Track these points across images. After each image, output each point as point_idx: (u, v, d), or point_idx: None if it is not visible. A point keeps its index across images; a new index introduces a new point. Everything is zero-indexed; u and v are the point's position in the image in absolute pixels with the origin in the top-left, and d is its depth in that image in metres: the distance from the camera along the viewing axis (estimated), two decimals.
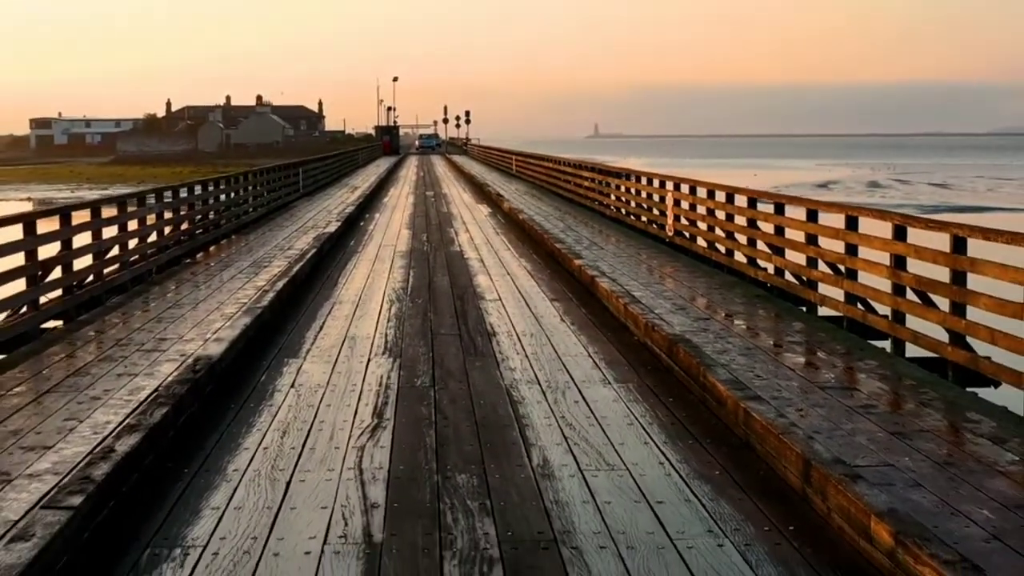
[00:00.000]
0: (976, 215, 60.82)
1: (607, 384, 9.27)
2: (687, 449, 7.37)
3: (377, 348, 10.80)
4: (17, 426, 7.53)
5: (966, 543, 5.21)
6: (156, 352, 9.99)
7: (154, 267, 15.85)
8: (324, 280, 16.00)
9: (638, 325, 11.34)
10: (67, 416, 7.75)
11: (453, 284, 15.43)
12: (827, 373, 9.07)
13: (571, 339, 11.29)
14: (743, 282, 14.35)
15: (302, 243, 19.73)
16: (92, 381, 8.87)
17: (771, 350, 9.95)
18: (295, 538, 5.70)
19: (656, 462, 7.02)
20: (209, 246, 19.55)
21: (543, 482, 6.61)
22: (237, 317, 11.56)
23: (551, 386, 9.15)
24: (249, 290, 13.87)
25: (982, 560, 5.00)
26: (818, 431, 7.13)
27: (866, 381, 8.70)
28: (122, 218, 14.60)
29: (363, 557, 5.46)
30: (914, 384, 8.61)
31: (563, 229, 21.91)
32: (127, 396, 8.34)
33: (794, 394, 8.15)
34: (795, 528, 5.86)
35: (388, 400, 8.70)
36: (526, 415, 8.23)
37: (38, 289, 11.35)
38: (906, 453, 6.72)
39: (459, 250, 19.86)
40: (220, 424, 8.03)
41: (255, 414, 8.34)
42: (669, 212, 19.24)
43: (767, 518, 6.03)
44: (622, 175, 24.93)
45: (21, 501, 5.92)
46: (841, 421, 7.43)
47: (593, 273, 14.77)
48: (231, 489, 6.50)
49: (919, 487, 6.09)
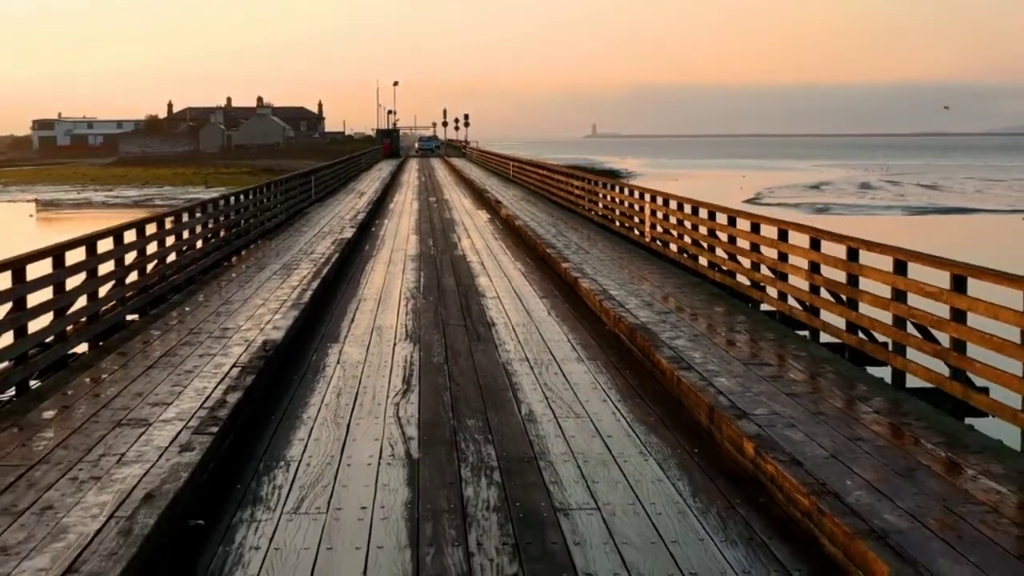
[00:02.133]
0: (961, 216, 63.19)
1: (580, 361, 11.99)
2: (634, 405, 10.08)
3: (400, 335, 13.52)
4: (138, 390, 10.19)
5: (811, 459, 7.86)
6: (224, 339, 12.66)
7: (200, 269, 18.51)
8: (348, 280, 18.69)
9: (609, 317, 14.05)
10: (173, 384, 10.41)
11: (458, 284, 18.12)
12: (752, 353, 11.75)
13: (555, 328, 14.01)
14: (705, 283, 16.99)
15: (322, 247, 22.41)
16: (182, 360, 11.53)
17: (713, 336, 12.63)
18: (359, 457, 8.40)
19: (610, 412, 9.74)
20: (241, 251, 22.21)
21: (528, 424, 9.32)
22: (286, 311, 14.25)
23: (537, 362, 11.86)
24: (285, 289, 16.53)
25: (816, 469, 7.64)
26: (730, 392, 9.80)
27: (781, 359, 11.38)
28: (177, 228, 17.27)
29: (407, 467, 8.17)
30: (819, 361, 11.29)
31: (555, 234, 24.58)
32: (213, 370, 11.01)
33: (720, 367, 10.82)
34: (699, 451, 8.57)
35: (413, 372, 11.41)
36: (517, 382, 10.94)
37: (123, 288, 14.02)
38: (792, 407, 9.37)
39: (462, 254, 22.55)
40: (290, 388, 10.75)
41: (314, 382, 11.05)
42: (647, 221, 21.94)
43: (681, 445, 8.74)
44: (608, 185, 27.63)
45: (166, 434, 8.60)
46: (750, 385, 10.10)
47: (576, 275, 17.46)
48: (308, 429, 9.21)
49: (793, 427, 8.75)
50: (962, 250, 41.52)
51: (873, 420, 8.95)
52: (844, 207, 72.28)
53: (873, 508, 6.75)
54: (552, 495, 7.51)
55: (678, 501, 7.41)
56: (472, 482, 7.82)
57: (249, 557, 6.51)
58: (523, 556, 6.45)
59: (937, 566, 5.92)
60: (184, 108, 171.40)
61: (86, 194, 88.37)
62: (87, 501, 7.07)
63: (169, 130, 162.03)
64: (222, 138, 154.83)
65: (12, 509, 6.93)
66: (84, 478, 7.54)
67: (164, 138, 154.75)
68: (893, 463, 7.79)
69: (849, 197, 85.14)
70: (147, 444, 8.31)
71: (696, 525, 6.97)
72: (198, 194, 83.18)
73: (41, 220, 65.64)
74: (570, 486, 7.68)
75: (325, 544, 6.63)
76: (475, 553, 6.49)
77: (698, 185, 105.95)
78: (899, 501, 6.94)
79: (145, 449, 8.18)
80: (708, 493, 7.61)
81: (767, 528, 6.95)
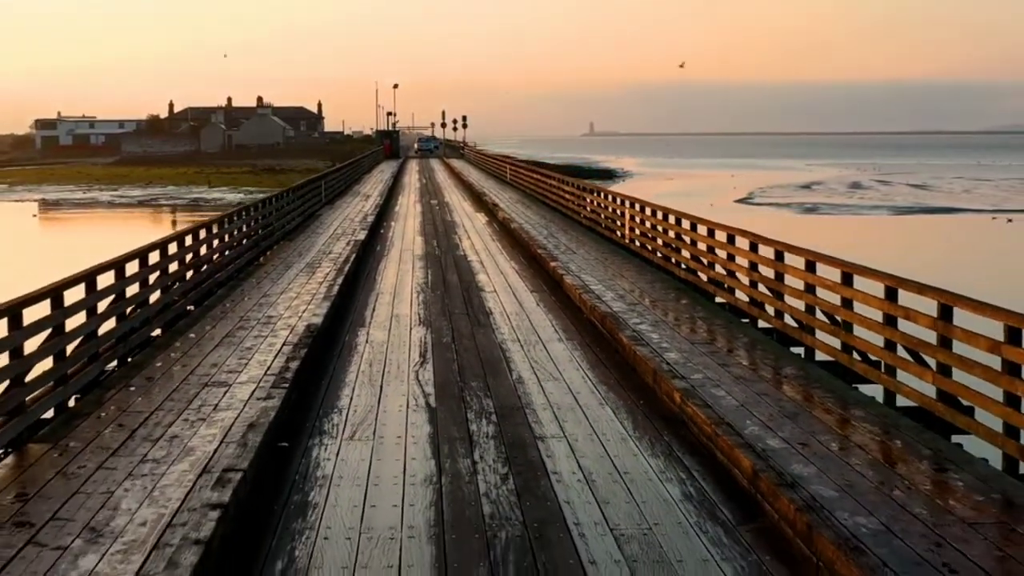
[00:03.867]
0: (946, 216, 65.74)
1: (560, 341, 14.94)
2: (599, 372, 13.01)
3: (414, 321, 16.46)
4: (213, 362, 13.09)
5: (722, 406, 10.75)
6: (270, 324, 15.56)
7: (237, 268, 21.41)
8: (366, 277, 21.62)
9: (586, 307, 16.99)
10: (239, 358, 13.30)
11: (461, 280, 21.04)
12: (701, 334, 14.66)
13: (542, 316, 16.95)
14: (673, 280, 19.89)
15: (339, 247, 25.33)
16: (242, 339, 14.44)
17: (671, 322, 15.54)
18: (391, 406, 11.33)
19: (580, 377, 12.68)
20: (267, 251, 25.11)
21: (517, 385, 12.26)
22: (319, 302, 17.17)
23: (526, 342, 14.80)
24: (312, 284, 19.43)
25: (723, 411, 10.54)
26: (675, 362, 12.70)
27: (725, 341, 14.27)
28: (221, 232, 20.18)
29: (427, 412, 11.10)
30: (754, 341, 14.21)
31: (546, 236, 27.50)
32: (268, 347, 13.89)
33: (670, 345, 13.74)
34: (643, 402, 11.52)
35: (427, 349, 14.34)
36: (510, 356, 13.87)
37: (184, 284, 16.93)
38: (720, 374, 12.24)
39: (463, 254, 25.48)
40: (332, 360, 13.69)
41: (350, 356, 13.99)
42: (626, 225, 24.88)
43: (631, 398, 11.68)
44: (594, 191, 30.57)
45: (245, 391, 11.50)
46: (692, 358, 13.00)
47: (562, 272, 20.40)
48: (351, 388, 12.15)
49: (717, 387, 11.64)
50: (917, 250, 44.69)
51: (785, 384, 11.87)
52: (832, 207, 74.88)
53: (756, 435, 9.67)
54: (533, 429, 10.46)
55: (622, 433, 10.35)
56: (475, 421, 10.77)
57: (324, 465, 9.45)
58: (511, 464, 9.38)
59: (789, 467, 8.82)
60: (185, 108, 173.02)
61: (92, 194, 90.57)
62: (201, 433, 9.98)
63: (170, 130, 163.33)
64: (223, 138, 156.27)
65: (150, 438, 9.84)
66: (193, 419, 10.45)
67: (165, 138, 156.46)
68: (785, 410, 10.70)
69: (838, 197, 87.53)
70: (232, 398, 11.23)
71: (633, 447, 9.91)
72: (202, 194, 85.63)
73: (43, 220, 68.23)
74: (546, 424, 10.63)
75: (375, 457, 9.57)
76: (478, 462, 9.42)
77: (692, 185, 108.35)
78: (779, 432, 9.85)
79: (232, 401, 11.10)
80: (645, 428, 10.56)
81: (682, 448, 9.90)
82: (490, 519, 8.07)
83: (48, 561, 7.02)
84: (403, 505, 8.36)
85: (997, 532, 7.40)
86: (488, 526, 7.91)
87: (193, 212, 67.08)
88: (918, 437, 9.73)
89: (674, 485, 8.90)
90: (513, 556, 7.39)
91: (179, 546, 7.16)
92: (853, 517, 7.63)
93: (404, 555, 7.39)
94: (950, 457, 9.17)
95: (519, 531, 7.80)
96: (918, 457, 9.15)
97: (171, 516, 7.78)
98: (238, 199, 76.94)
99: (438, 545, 7.58)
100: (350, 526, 7.93)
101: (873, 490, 8.26)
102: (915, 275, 11.52)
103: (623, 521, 7.99)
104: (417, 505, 8.36)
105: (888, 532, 7.38)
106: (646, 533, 7.77)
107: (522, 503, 8.39)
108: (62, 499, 8.16)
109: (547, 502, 8.43)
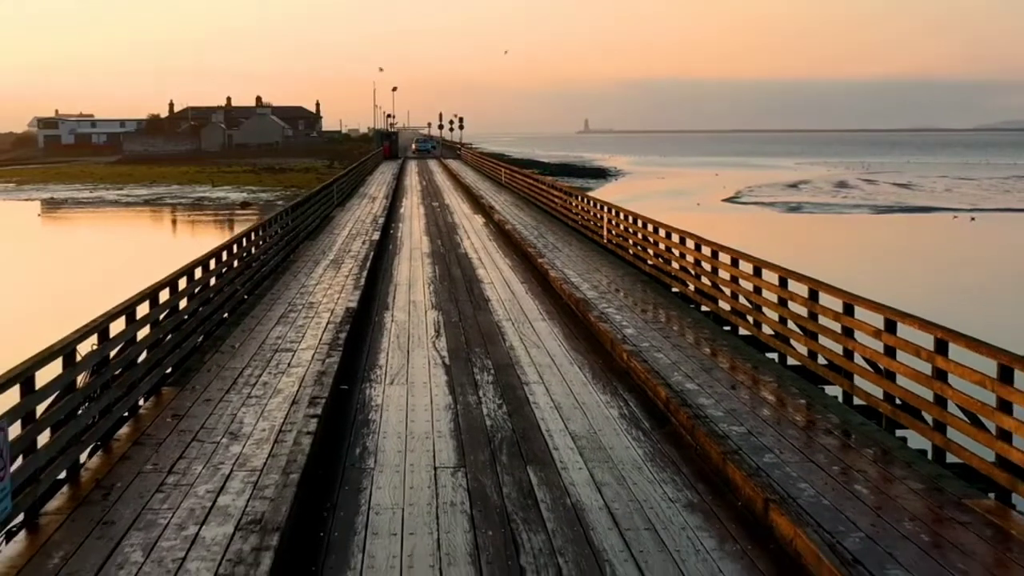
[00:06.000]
0: (920, 215, 69.57)
1: (543, 320, 19.09)
2: (572, 342, 17.15)
3: (427, 306, 20.59)
4: (276, 335, 17.18)
5: (659, 362, 14.85)
6: (313, 308, 19.66)
7: (275, 265, 25.49)
8: (384, 271, 25.75)
9: (565, 294, 21.13)
10: (296, 331, 17.40)
11: (463, 274, 25.16)
12: (655, 317, 18.77)
13: (530, 302, 21.09)
14: (642, 274, 24.02)
15: (356, 246, 29.45)
16: (294, 320, 18.54)
17: (631, 306, 19.67)
18: (417, 364, 15.47)
19: (557, 345, 16.84)
20: (296, 250, 29.21)
21: (509, 351, 16.41)
22: (351, 291, 21.28)
23: (516, 321, 18.94)
24: (340, 278, 23.53)
25: (658, 367, 14.64)
26: (631, 335, 16.81)
27: (674, 320, 18.41)
28: (265, 234, 24.27)
29: (443, 368, 15.25)
30: (696, 321, 18.35)
31: (536, 236, 31.63)
32: (316, 325, 17.99)
33: (628, 322, 17.85)
34: (602, 361, 15.67)
35: (440, 327, 18.46)
36: (504, 331, 18.00)
37: (242, 276, 21.02)
38: (662, 342, 16.36)
39: (465, 252, 29.62)
40: (368, 334, 17.83)
41: (381, 331, 18.13)
42: (605, 227, 29.02)
43: (593, 359, 15.83)
44: (579, 196, 34.72)
45: (307, 355, 15.60)
46: (644, 332, 17.12)
47: (548, 267, 24.53)
48: (386, 353, 16.30)
49: (658, 351, 15.74)
50: (884, 247, 49.03)
51: (712, 350, 16.00)
52: (816, 206, 78.73)
53: (677, 380, 13.78)
54: (520, 378, 14.60)
55: (584, 380, 14.50)
56: (479, 373, 14.91)
57: (375, 398, 13.60)
58: (504, 398, 13.52)
59: (695, 399, 12.91)
60: (185, 107, 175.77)
61: (98, 193, 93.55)
62: (283, 380, 14.08)
63: (171, 129, 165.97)
64: (223, 137, 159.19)
65: (248, 383, 13.93)
66: (274, 372, 14.55)
67: (166, 137, 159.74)
68: (704, 365, 14.82)
69: (823, 196, 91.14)
70: (299, 359, 15.33)
71: (590, 389, 14.06)
72: (206, 193, 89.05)
73: (46, 219, 71.81)
74: (530, 375, 14.77)
75: (410, 394, 13.70)
76: (482, 397, 13.56)
77: (683, 184, 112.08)
78: (695, 379, 13.95)
79: (300, 360, 15.20)
80: (600, 378, 14.71)
81: (624, 388, 14.07)
82: (490, 428, 12.23)
83: (209, 450, 11.10)
84: (432, 420, 12.51)
85: (805, 430, 11.55)
86: (489, 430, 12.07)
87: (200, 212, 70.84)
88: (793, 384, 13.87)
89: (614, 409, 13.07)
90: (505, 447, 11.53)
91: (295, 438, 11.28)
92: (728, 426, 11.75)
93: (436, 445, 11.54)
94: (812, 396, 13.28)
95: (509, 434, 11.96)
96: (790, 395, 13.29)
97: (280, 425, 11.89)
98: (241, 198, 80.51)
99: (457, 440, 11.74)
100: (398, 431, 12.09)
101: (747, 412, 12.39)
102: (803, 268, 15.64)
103: (578, 428, 12.15)
104: (442, 420, 12.52)
105: (749, 434, 11.49)
106: (592, 435, 11.92)
107: (512, 420, 12.55)
108: (204, 417, 12.26)
109: (528, 419, 12.58)
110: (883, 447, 11.09)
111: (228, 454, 10.87)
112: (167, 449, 11.07)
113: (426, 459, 11.10)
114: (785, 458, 10.60)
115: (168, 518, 9.06)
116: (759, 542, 8.86)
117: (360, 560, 8.54)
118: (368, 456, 11.30)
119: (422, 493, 10.06)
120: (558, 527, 9.18)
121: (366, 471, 10.79)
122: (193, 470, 10.36)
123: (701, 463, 10.98)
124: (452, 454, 11.30)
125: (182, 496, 9.60)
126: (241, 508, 9.25)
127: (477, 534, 9.00)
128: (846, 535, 8.55)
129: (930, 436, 10.96)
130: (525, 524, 9.25)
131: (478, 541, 8.86)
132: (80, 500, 9.63)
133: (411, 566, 8.40)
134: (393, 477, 10.56)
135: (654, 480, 10.44)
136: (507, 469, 10.77)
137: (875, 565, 8.00)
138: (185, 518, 9.06)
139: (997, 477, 9.63)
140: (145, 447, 11.16)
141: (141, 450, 11.07)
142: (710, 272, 18.98)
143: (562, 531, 9.08)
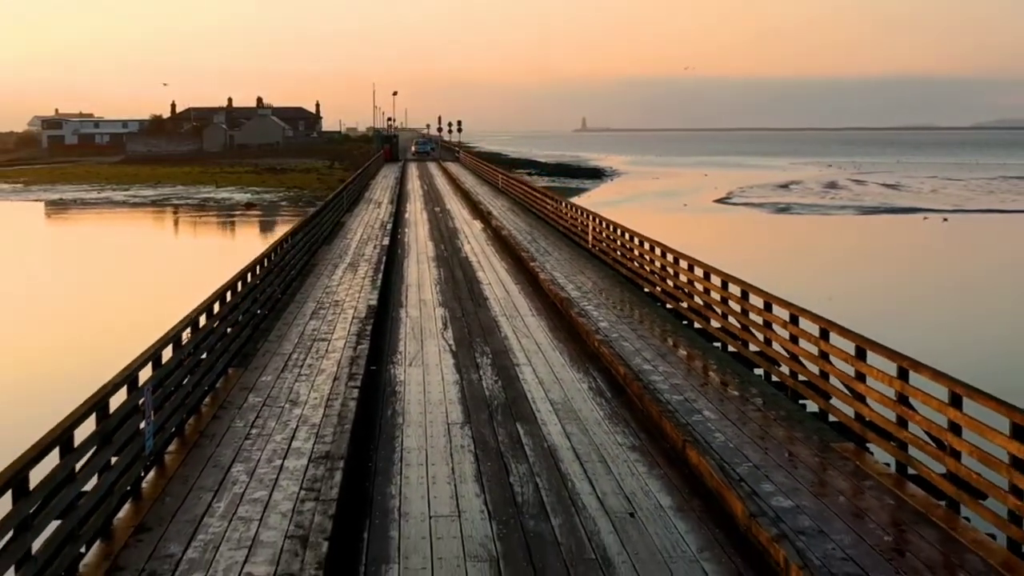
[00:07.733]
0: (901, 216, 72.70)
1: (533, 316, 22.81)
2: (556, 333, 20.86)
3: (435, 303, 24.31)
4: (312, 328, 20.84)
5: (625, 350, 18.51)
6: (339, 306, 23.33)
7: (300, 267, 29.13)
8: (395, 273, 29.44)
9: (552, 294, 24.84)
10: (328, 324, 21.07)
11: (464, 275, 28.86)
12: (627, 313, 22.45)
13: (521, 300, 24.81)
14: (621, 277, 27.68)
15: (369, 250, 33.14)
16: (325, 315, 22.22)
17: (608, 304, 23.36)
18: (429, 351, 19.17)
19: (544, 335, 20.58)
20: (315, 254, 32.87)
21: (504, 341, 20.13)
22: (369, 290, 24.97)
23: (510, 316, 22.65)
24: (358, 279, 27.21)
25: (623, 353, 18.30)
26: (604, 327, 20.48)
27: (644, 317, 22.10)
28: (293, 241, 27.93)
29: (451, 353, 18.96)
30: (663, 318, 22.04)
31: (529, 240, 35.31)
32: (344, 319, 21.66)
33: (603, 317, 21.52)
34: (579, 348, 19.38)
35: (447, 321, 22.16)
36: (500, 325, 21.71)
37: (279, 278, 24.69)
38: (631, 334, 20.03)
39: (465, 256, 33.31)
40: (387, 327, 21.53)
41: (397, 324, 21.84)
42: (590, 234, 32.72)
43: (572, 346, 19.55)
44: (568, 205, 38.41)
45: (340, 343, 19.27)
46: (616, 325, 20.79)
47: (538, 270, 28.22)
48: (404, 342, 20.03)
49: (626, 341, 19.42)
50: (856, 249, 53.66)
51: (673, 343, 19.68)
52: (804, 207, 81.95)
53: (636, 362, 17.45)
54: (512, 360, 18.31)
55: (562, 362, 18.22)
56: (479, 358, 18.61)
57: (398, 376, 17.30)
58: (500, 376, 17.22)
59: (648, 377, 16.58)
60: (187, 108, 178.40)
61: (105, 194, 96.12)
62: (325, 362, 17.74)
63: (173, 130, 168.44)
64: (225, 138, 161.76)
65: (297, 365, 17.59)
66: (316, 356, 18.21)
67: (169, 138, 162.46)
68: (661, 352, 18.49)
69: (812, 197, 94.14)
70: (334, 346, 18.99)
71: (569, 368, 17.77)
72: (211, 194, 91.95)
73: (58, 219, 74.81)
74: (520, 359, 18.47)
75: (425, 373, 17.40)
76: (482, 376, 17.26)
77: (677, 184, 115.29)
78: (652, 362, 17.62)
79: (335, 347, 18.85)
80: (576, 360, 18.42)
81: (594, 368, 17.77)
82: (488, 396, 15.94)
83: (277, 412, 14.75)
84: (444, 391, 16.21)
85: (732, 401, 15.26)
86: (488, 398, 15.79)
87: (206, 212, 74.10)
88: (732, 367, 17.54)
89: (584, 384, 16.79)
90: (500, 410, 15.23)
91: (342, 402, 14.95)
92: (672, 396, 15.41)
93: (448, 409, 15.24)
94: (749, 380, 16.92)
95: (503, 401, 15.66)
96: (730, 375, 16.96)
97: (327, 395, 15.55)
98: (246, 199, 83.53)
99: (464, 405, 15.45)
100: (418, 399, 15.79)
101: (691, 387, 16.06)
102: (734, 269, 19.31)
103: (555, 397, 15.87)
104: (451, 392, 16.23)
105: (685, 401, 15.15)
106: (566, 402, 15.62)
107: (505, 391, 16.25)
108: (267, 390, 15.93)
109: (518, 390, 16.29)
110: (790, 412, 14.75)
111: (292, 415, 14.54)
112: (245, 412, 14.73)
113: (441, 418, 14.82)
114: (708, 416, 14.30)
115: (259, 456, 12.72)
116: (676, 468, 12.57)
117: (399, 480, 12.24)
118: (397, 416, 15.00)
119: (439, 440, 13.77)
120: (536, 459, 12.90)
121: (397, 426, 14.51)
122: (269, 425, 14.03)
123: (645, 420, 14.70)
124: (460, 415, 15.00)
125: (265, 441, 13.27)
126: (310, 449, 12.93)
127: (480, 464, 12.71)
128: (739, 464, 12.23)
129: (830, 409, 14.66)
130: (513, 458, 12.96)
131: (480, 468, 12.57)
132: (191, 444, 13.30)
133: (434, 482, 12.10)
134: (417, 430, 14.27)
135: (609, 432, 14.16)
136: (501, 424, 14.48)
137: (754, 482, 11.68)
138: (271, 455, 12.73)
139: (853, 427, 13.33)
140: (229, 410, 14.84)
141: (227, 412, 14.75)
142: (673, 276, 22.67)
143: (539, 462, 12.80)
